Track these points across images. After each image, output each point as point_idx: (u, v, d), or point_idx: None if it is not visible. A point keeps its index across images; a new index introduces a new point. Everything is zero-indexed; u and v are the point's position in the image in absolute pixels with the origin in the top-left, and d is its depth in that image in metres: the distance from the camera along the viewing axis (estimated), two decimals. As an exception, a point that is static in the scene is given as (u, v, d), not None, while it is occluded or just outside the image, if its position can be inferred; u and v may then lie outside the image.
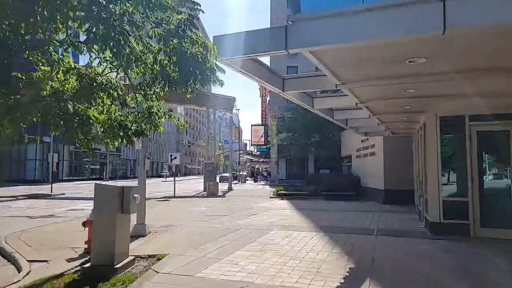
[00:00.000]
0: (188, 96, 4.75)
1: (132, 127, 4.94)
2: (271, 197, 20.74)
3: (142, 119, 4.99)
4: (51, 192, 24.63)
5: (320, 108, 8.39)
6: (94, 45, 3.40)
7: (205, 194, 23.70)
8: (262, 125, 53.64)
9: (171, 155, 21.87)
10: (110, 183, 42.21)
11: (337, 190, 19.56)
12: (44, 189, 27.27)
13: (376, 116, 9.07)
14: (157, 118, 5.01)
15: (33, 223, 11.85)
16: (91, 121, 4.20)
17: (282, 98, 36.44)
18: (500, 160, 8.97)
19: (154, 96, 4.99)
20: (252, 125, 56.19)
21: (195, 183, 41.65)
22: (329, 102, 8.31)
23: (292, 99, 6.99)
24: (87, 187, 30.71)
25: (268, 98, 53.18)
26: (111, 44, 3.22)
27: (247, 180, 53.77)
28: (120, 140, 4.90)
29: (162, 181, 50.57)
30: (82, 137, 4.55)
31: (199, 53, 4.07)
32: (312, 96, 8.06)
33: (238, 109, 47.37)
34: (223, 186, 30.71)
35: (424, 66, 5.02)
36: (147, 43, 3.58)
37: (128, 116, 5.06)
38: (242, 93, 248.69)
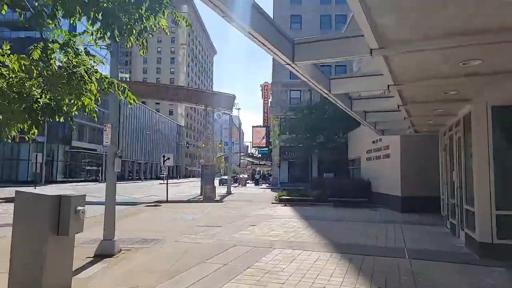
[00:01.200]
0: (142, 53, 2.84)
1: (41, 100, 2.82)
2: (273, 203, 18.80)
3: (58, 86, 2.83)
4: (35, 194, 22.71)
5: (338, 94, 6.48)
6: None
7: (201, 199, 21.86)
8: (263, 126, 51.77)
9: (163, 156, 20.00)
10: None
11: (346, 196, 17.57)
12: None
13: (408, 105, 7.14)
14: (82, 83, 2.82)
15: (-6, 233, 10.02)
16: None
17: (285, 98, 34.34)
18: None
19: (83, 49, 3.01)
20: (253, 127, 54.35)
21: (193, 186, 39.75)
22: (351, 85, 6.38)
23: (304, 76, 5.07)
24: (80, 189, 28.87)
25: (270, 99, 51.23)
26: None
27: (248, 183, 51.97)
28: (22, 121, 2.91)
29: (160, 183, 48.61)
30: None
31: None
32: (330, 78, 6.16)
33: (239, 109, 45.36)
34: (222, 190, 28.87)
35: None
36: None
37: (32, 80, 2.98)
38: (243, 95, 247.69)
